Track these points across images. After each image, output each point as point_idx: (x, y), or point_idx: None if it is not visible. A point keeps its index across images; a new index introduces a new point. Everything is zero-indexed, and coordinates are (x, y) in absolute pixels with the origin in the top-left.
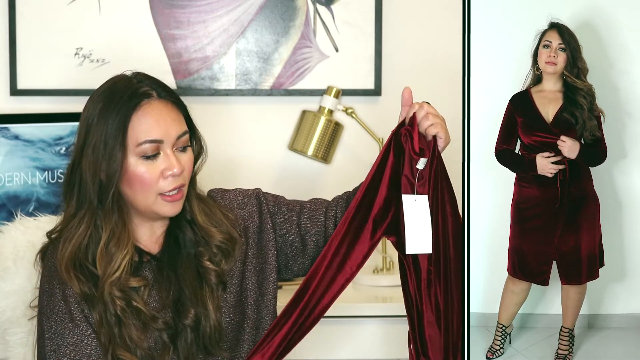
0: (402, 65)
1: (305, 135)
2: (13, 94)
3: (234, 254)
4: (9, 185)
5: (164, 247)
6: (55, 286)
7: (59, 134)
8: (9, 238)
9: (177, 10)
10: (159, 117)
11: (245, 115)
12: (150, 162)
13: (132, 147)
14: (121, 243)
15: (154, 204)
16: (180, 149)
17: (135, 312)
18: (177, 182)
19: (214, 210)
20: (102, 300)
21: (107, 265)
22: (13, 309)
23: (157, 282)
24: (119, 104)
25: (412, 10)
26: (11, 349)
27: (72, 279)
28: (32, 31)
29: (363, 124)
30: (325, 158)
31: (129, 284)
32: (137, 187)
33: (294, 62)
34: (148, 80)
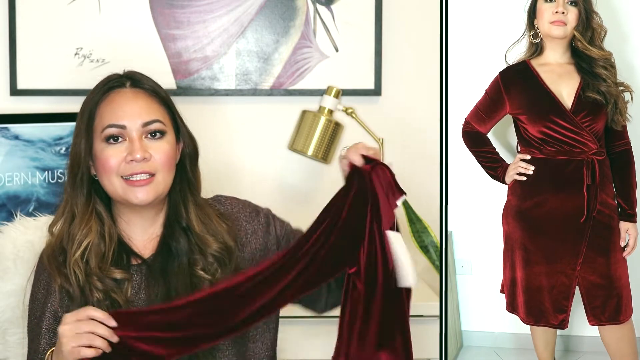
0: (402, 65)
1: (305, 135)
2: (13, 94)
3: (230, 264)
4: (9, 185)
5: (156, 252)
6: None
7: (59, 134)
8: (8, 238)
9: (177, 10)
10: (124, 103)
11: (245, 115)
12: (114, 147)
13: (98, 132)
14: (82, 224)
15: (122, 190)
16: (151, 137)
17: (113, 304)
18: (140, 167)
19: (212, 218)
20: (80, 288)
21: (71, 247)
22: (13, 309)
23: (146, 287)
24: (93, 94)
25: (412, 11)
26: (11, 349)
27: (53, 270)
28: (32, 31)
29: (363, 124)
30: (325, 158)
31: (110, 274)
32: (102, 171)
33: (294, 62)
34: (134, 75)
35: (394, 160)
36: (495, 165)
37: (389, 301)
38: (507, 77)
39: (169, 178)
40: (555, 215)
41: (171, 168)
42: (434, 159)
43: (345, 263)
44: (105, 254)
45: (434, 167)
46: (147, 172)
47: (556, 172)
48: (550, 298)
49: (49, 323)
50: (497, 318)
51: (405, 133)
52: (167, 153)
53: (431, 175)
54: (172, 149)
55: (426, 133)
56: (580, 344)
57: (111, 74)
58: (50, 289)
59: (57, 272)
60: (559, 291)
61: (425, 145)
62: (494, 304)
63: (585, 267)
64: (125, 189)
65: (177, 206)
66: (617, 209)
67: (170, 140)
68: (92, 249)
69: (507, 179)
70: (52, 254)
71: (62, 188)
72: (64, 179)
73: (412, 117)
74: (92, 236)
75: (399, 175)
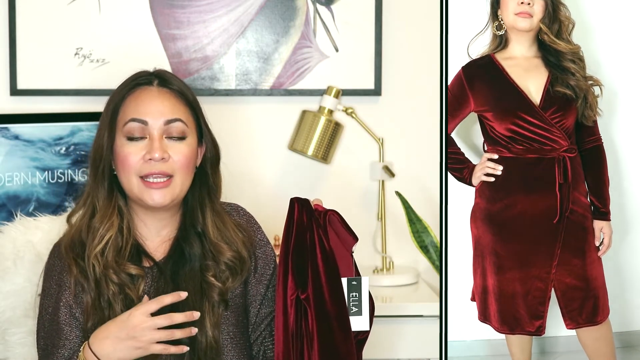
0: (402, 65)
1: (305, 135)
2: (13, 94)
3: (241, 274)
4: (9, 185)
5: (168, 255)
6: (51, 286)
7: (59, 134)
8: (8, 238)
9: (177, 10)
10: (149, 100)
11: (245, 115)
12: (134, 143)
13: (120, 126)
14: (104, 219)
15: (138, 190)
16: (173, 138)
17: (127, 301)
18: (157, 167)
19: (228, 226)
20: (96, 280)
21: (91, 240)
22: (13, 309)
23: (155, 290)
24: (120, 89)
25: (412, 11)
26: (11, 349)
27: (70, 260)
28: (32, 31)
29: (363, 124)
30: (325, 158)
31: (126, 269)
32: (120, 168)
33: (294, 62)
34: (163, 74)
35: (394, 160)
36: (461, 166)
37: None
38: (471, 72)
39: (187, 181)
40: (527, 217)
41: (189, 171)
42: (434, 159)
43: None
44: (123, 249)
45: (434, 167)
46: (164, 172)
47: (526, 171)
48: (525, 304)
49: (65, 318)
50: (469, 326)
51: (405, 133)
52: (187, 155)
53: (431, 175)
54: (192, 152)
55: (426, 133)
56: (555, 345)
57: (140, 71)
58: (63, 283)
59: (74, 263)
60: (534, 297)
61: (425, 145)
62: (464, 311)
63: (560, 269)
64: (142, 189)
65: (193, 210)
66: (590, 207)
67: (191, 142)
68: (111, 243)
69: (474, 181)
70: (70, 245)
71: (62, 188)
72: (70, 179)
73: (412, 117)
74: (113, 231)
75: (399, 175)
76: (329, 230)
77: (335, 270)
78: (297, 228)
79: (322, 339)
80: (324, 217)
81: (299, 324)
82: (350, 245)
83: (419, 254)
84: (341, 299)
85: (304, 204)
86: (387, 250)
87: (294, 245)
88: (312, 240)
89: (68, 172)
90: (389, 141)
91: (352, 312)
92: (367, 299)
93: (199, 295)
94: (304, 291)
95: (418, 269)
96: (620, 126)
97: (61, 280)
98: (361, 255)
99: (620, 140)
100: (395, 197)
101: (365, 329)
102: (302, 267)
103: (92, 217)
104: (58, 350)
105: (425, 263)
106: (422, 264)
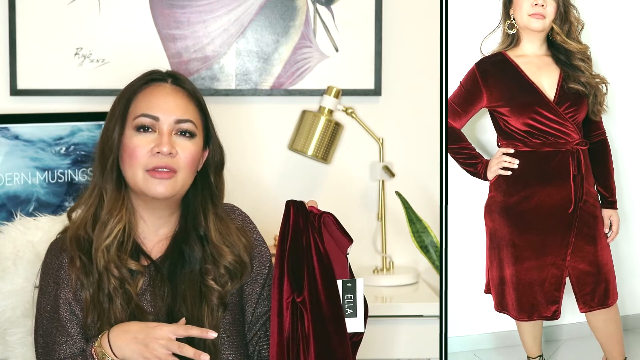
0: (402, 65)
1: (305, 135)
2: (13, 94)
3: (240, 278)
4: (9, 185)
5: (165, 255)
6: (49, 284)
7: (59, 134)
8: (8, 238)
9: (177, 10)
10: (162, 97)
11: (245, 115)
12: (143, 136)
13: (130, 120)
14: (114, 211)
15: (142, 181)
16: (182, 135)
17: (126, 296)
18: (164, 161)
19: (231, 230)
20: (98, 274)
21: (100, 233)
22: (13, 309)
23: (152, 289)
24: (134, 83)
25: (412, 11)
26: (11, 349)
27: (75, 253)
28: (32, 31)
29: (363, 124)
30: (325, 158)
31: (127, 264)
32: (127, 160)
33: (294, 62)
34: (177, 74)
35: (394, 160)
36: (475, 161)
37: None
38: (485, 68)
39: (188, 180)
40: (544, 208)
41: (192, 170)
42: (434, 159)
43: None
44: (125, 244)
45: (434, 167)
46: (170, 167)
47: (542, 164)
48: (542, 291)
49: (66, 315)
50: (475, 320)
51: (405, 133)
52: (193, 154)
53: (431, 175)
54: (198, 153)
55: (426, 133)
56: (559, 333)
57: (154, 69)
58: (61, 281)
59: (78, 256)
60: (550, 283)
61: (425, 145)
62: (470, 306)
63: (574, 256)
64: (147, 179)
65: (196, 214)
66: (598, 197)
67: (198, 143)
68: (118, 237)
69: (490, 175)
70: (75, 237)
71: (62, 188)
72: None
73: (412, 117)
74: (122, 224)
75: (399, 175)
76: (324, 233)
77: (331, 273)
78: (293, 231)
79: (319, 342)
80: (319, 220)
81: (295, 327)
82: (345, 247)
83: (419, 254)
84: (337, 302)
85: (299, 207)
86: (387, 250)
87: (290, 248)
88: (308, 243)
89: (68, 172)
90: (389, 141)
91: (346, 314)
92: (361, 300)
93: (198, 298)
94: (299, 294)
95: (418, 269)
96: (618, 124)
97: (59, 277)
98: (361, 255)
99: (618, 138)
100: (395, 197)
101: (360, 330)
102: (298, 270)
103: (98, 210)
104: (60, 347)
105: (425, 263)
106: (422, 264)
